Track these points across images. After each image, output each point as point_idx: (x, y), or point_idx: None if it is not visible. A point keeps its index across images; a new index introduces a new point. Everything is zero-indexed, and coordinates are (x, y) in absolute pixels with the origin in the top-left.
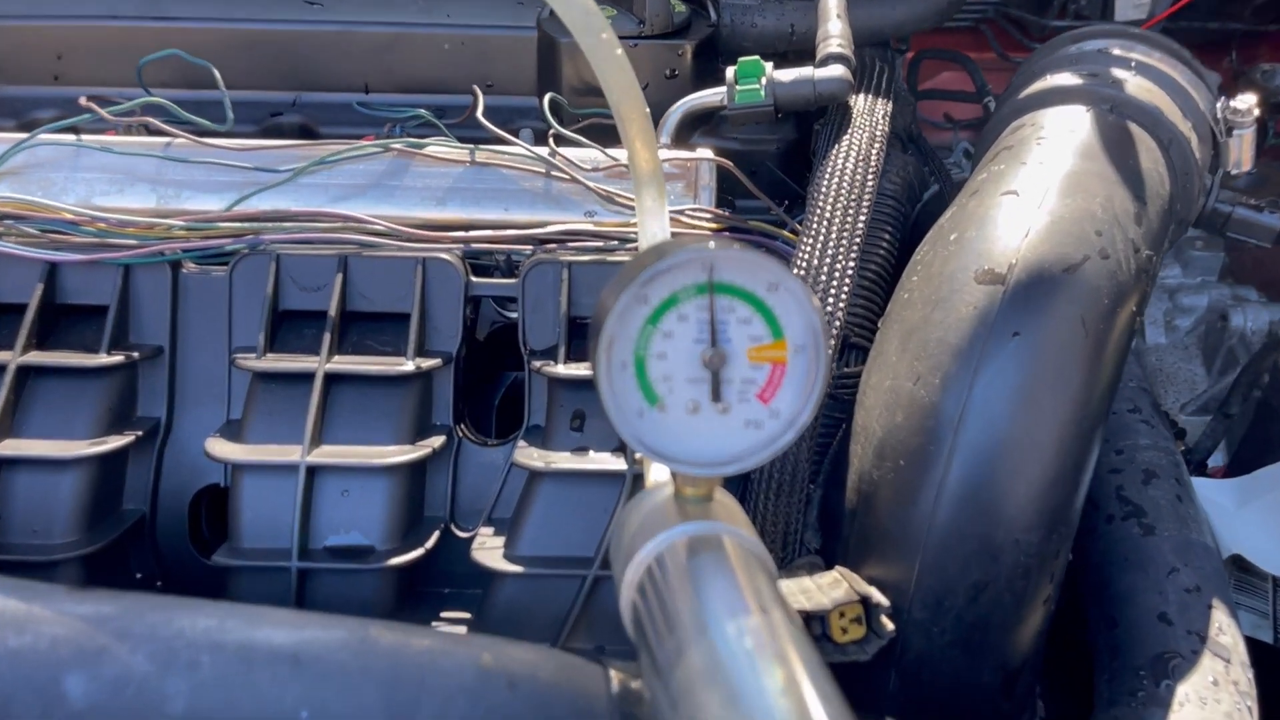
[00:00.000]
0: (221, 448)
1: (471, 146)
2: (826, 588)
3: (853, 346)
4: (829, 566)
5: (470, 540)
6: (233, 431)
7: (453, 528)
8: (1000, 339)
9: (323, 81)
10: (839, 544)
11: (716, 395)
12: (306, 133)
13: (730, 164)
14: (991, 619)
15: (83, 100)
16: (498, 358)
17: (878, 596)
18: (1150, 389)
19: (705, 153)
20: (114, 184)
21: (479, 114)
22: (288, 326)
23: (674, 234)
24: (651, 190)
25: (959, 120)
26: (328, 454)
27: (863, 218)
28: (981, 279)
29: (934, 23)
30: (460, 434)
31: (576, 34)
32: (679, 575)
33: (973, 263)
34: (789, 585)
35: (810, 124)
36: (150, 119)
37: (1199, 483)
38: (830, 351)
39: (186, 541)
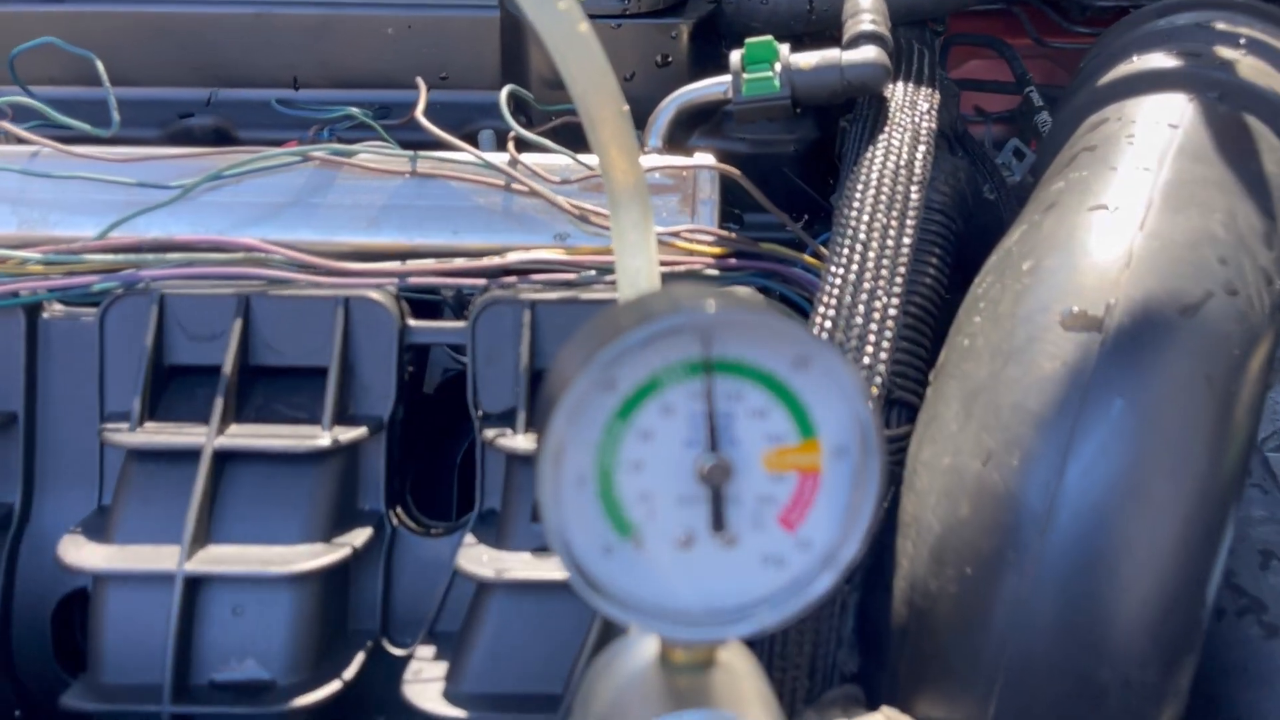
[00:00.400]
0: (79, 550)
1: (412, 154)
2: None
3: (896, 402)
4: (871, 701)
5: (405, 661)
6: (100, 525)
7: (385, 644)
8: (1100, 405)
9: (242, 75)
10: (884, 671)
11: (719, 523)
12: (222, 137)
13: (737, 172)
14: None
15: None
16: (455, 413)
17: None
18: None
19: (705, 158)
20: None
21: (419, 112)
22: (175, 387)
23: (663, 268)
24: (632, 211)
25: (990, 113)
26: (215, 559)
27: (907, 239)
28: (1070, 324)
29: (976, 0)
30: (395, 521)
31: (523, 4)
32: None
33: (1056, 301)
34: None
35: (835, 121)
36: (7, 125)
37: None
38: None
39: (51, 663)
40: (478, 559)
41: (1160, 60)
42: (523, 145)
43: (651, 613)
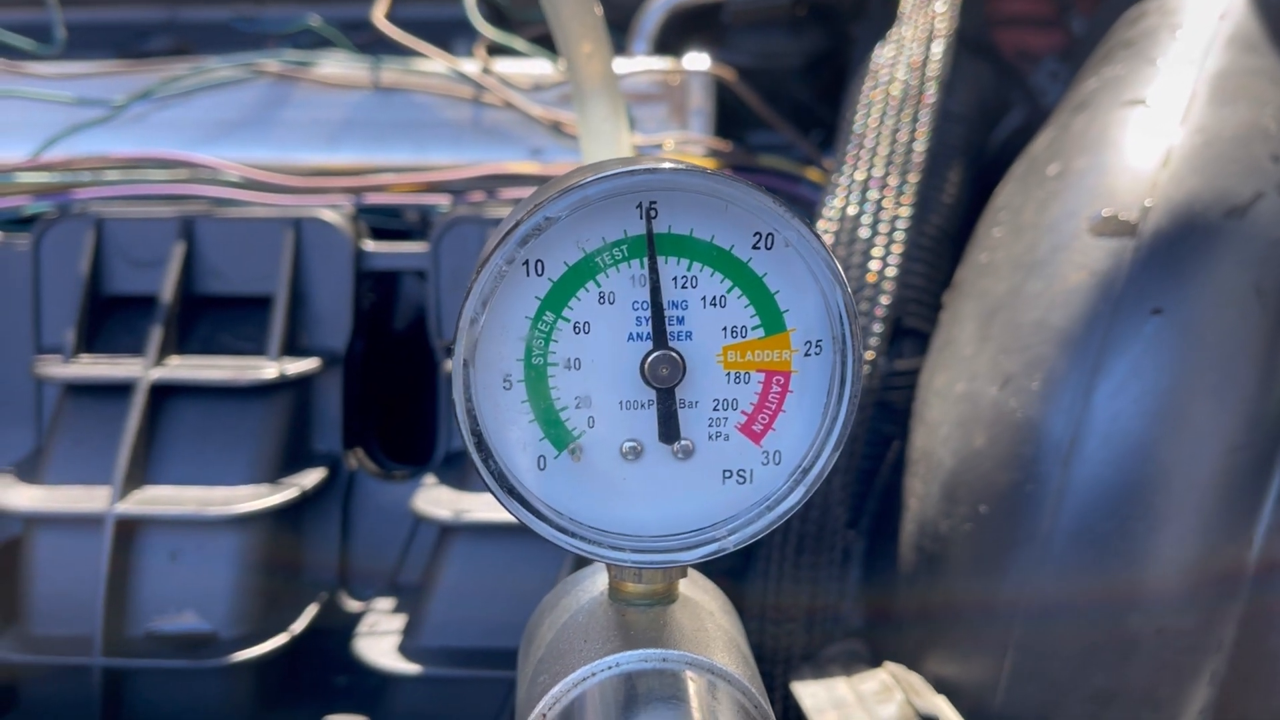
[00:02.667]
0: (8, 491)
1: (374, 59)
2: (871, 700)
3: (908, 332)
4: (876, 657)
5: (362, 616)
6: (33, 466)
7: (342, 596)
8: (1133, 319)
9: None
10: (890, 624)
11: (670, 432)
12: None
13: (733, 75)
14: None
15: None
16: (430, 347)
17: (950, 716)
18: None
19: (698, 61)
20: None
21: (379, 14)
22: (115, 317)
23: None
24: (600, 105)
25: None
26: (151, 500)
27: (920, 147)
28: (1101, 230)
29: None
30: (355, 463)
31: None
32: None
33: (1085, 205)
34: (816, 694)
35: (844, 31)
36: None
37: None
38: (869, 345)
39: None
40: (437, 500)
41: None
42: (496, 51)
43: (594, 536)
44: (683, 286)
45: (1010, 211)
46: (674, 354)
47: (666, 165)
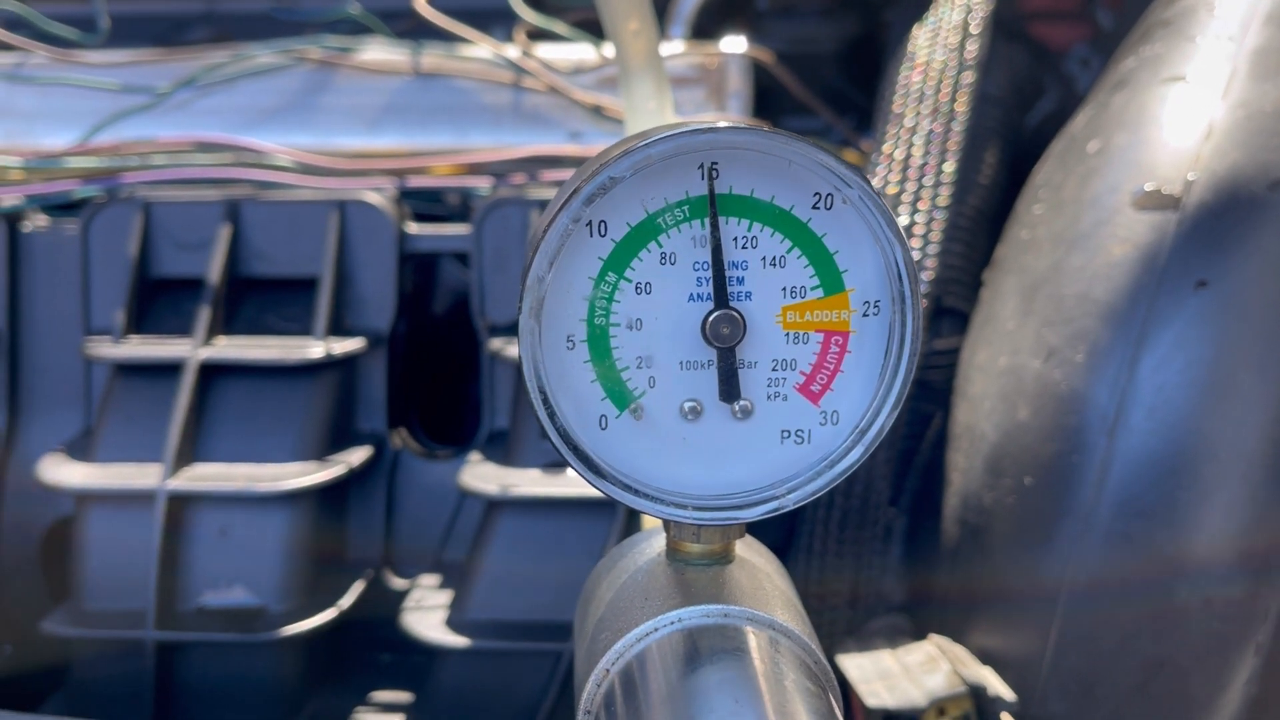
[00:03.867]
0: (61, 469)
1: (415, 44)
2: (917, 671)
3: (947, 311)
4: (919, 632)
5: (408, 594)
6: (84, 445)
7: (388, 574)
8: (1177, 292)
9: None
10: (933, 598)
11: (730, 391)
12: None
13: (770, 58)
14: (1171, 715)
15: None
16: (471, 330)
17: (996, 686)
18: None
19: (736, 45)
20: None
21: (422, 1)
22: (162, 299)
23: None
24: (645, 83)
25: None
26: (201, 477)
27: (958, 128)
28: (1143, 204)
29: None
30: (399, 442)
31: None
32: (667, 696)
33: (1127, 181)
34: (861, 665)
35: (879, 16)
36: None
37: None
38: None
39: (42, 594)
40: (483, 476)
41: None
42: (536, 37)
43: (654, 495)
44: (743, 247)
45: (1050, 189)
46: (735, 313)
47: (727, 124)
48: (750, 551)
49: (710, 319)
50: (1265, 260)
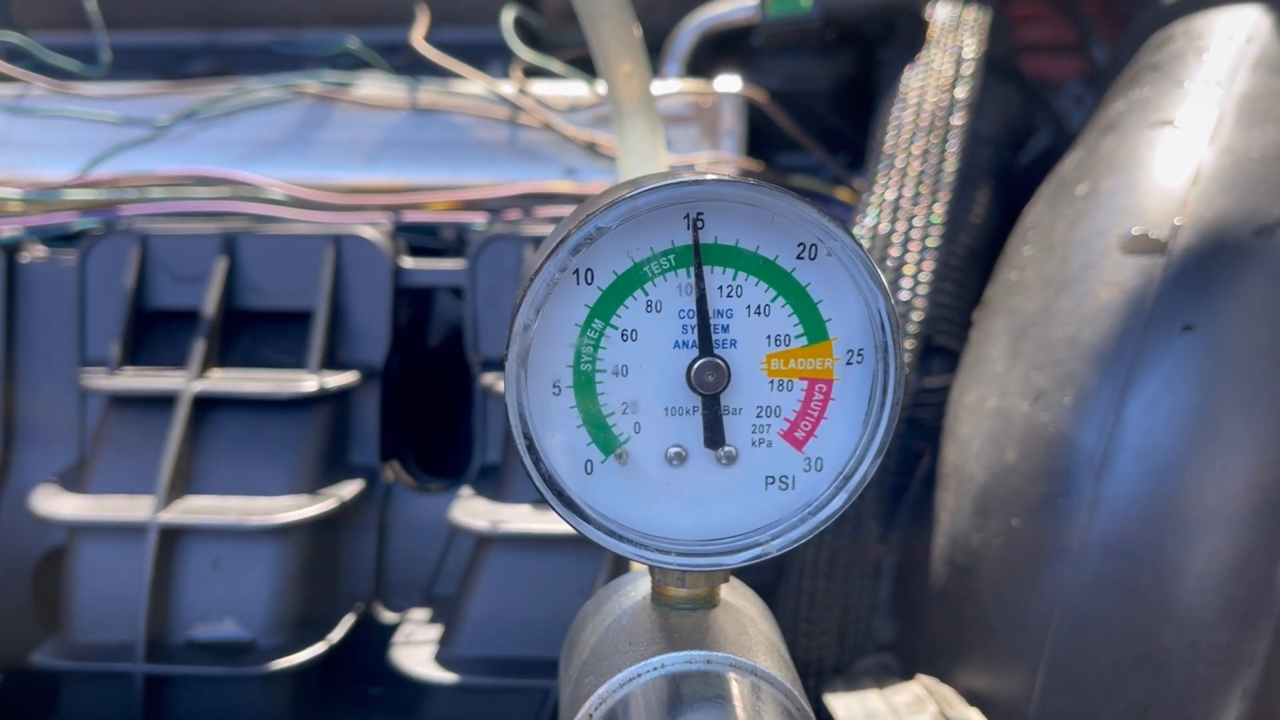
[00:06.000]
0: (54, 500)
1: (412, 80)
2: (904, 711)
3: (938, 350)
4: (907, 671)
5: (397, 628)
6: (77, 476)
7: (378, 608)
8: (1164, 336)
9: (242, 17)
10: (921, 637)
11: (715, 438)
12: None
13: (764, 97)
14: None
15: None
16: (465, 364)
17: None
18: None
19: (730, 83)
20: None
21: (419, 37)
22: (158, 331)
23: None
24: (638, 125)
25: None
26: (193, 509)
27: (950, 168)
28: (1131, 248)
29: None
30: (392, 475)
31: None
32: None
33: (1115, 225)
34: (849, 705)
35: (872, 55)
36: None
37: None
38: (906, 358)
39: (32, 624)
40: (473, 511)
41: None
42: (532, 73)
43: (638, 540)
44: (728, 295)
45: (1040, 230)
46: (719, 361)
47: (713, 177)
48: (735, 595)
49: (695, 366)
50: (1251, 305)
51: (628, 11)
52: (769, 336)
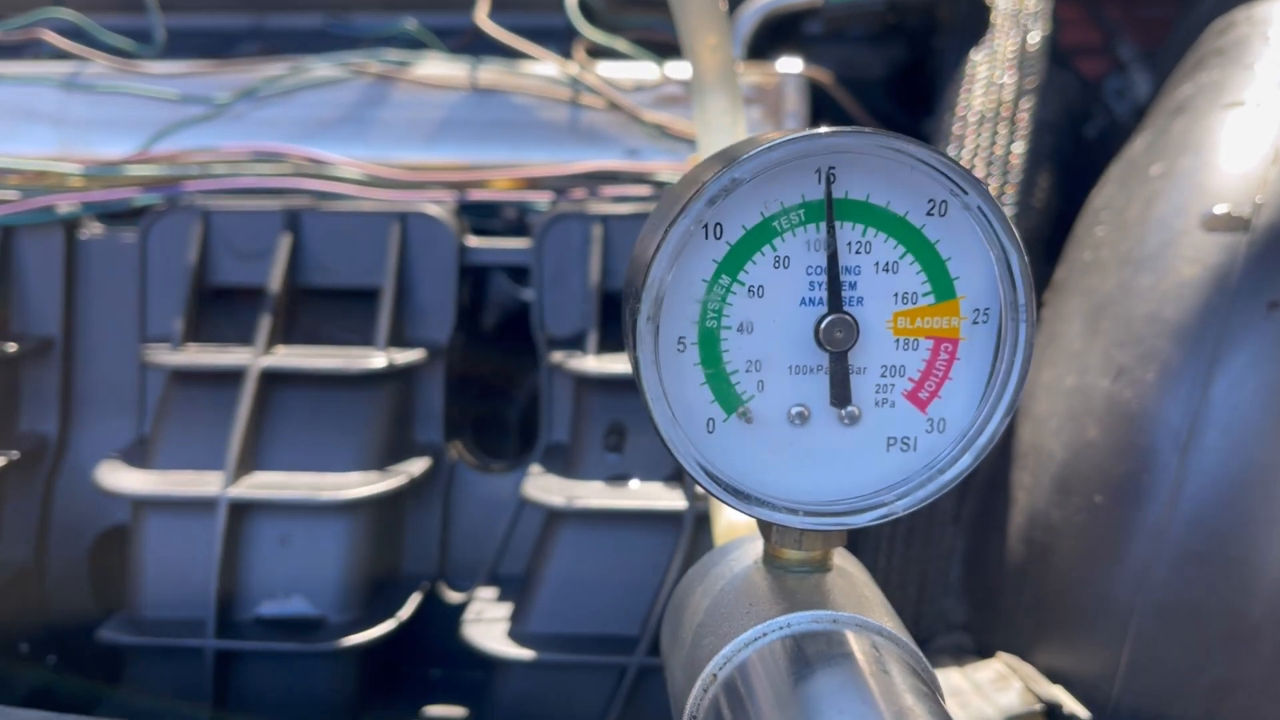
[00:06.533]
0: (119, 475)
1: (473, 59)
2: (989, 688)
3: None
4: (981, 650)
5: (464, 607)
6: (140, 452)
7: (442, 588)
8: (1249, 313)
9: (291, 0)
10: (997, 616)
11: (841, 397)
12: None
13: (828, 77)
14: None
15: None
16: (519, 347)
17: (1071, 704)
18: None
19: (792, 64)
20: (3, 122)
21: (482, 14)
22: (220, 308)
23: None
24: (720, 99)
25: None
26: (261, 485)
27: (1017, 150)
28: (1212, 225)
29: None
30: (455, 454)
31: None
32: (781, 701)
33: (1194, 202)
34: None
35: (926, 44)
36: (48, 33)
37: None
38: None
39: (88, 601)
40: (547, 487)
41: None
42: (595, 53)
43: (763, 499)
44: (857, 252)
45: (1113, 211)
46: (849, 318)
47: (850, 129)
48: (845, 560)
49: (824, 323)
50: None
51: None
52: (896, 294)
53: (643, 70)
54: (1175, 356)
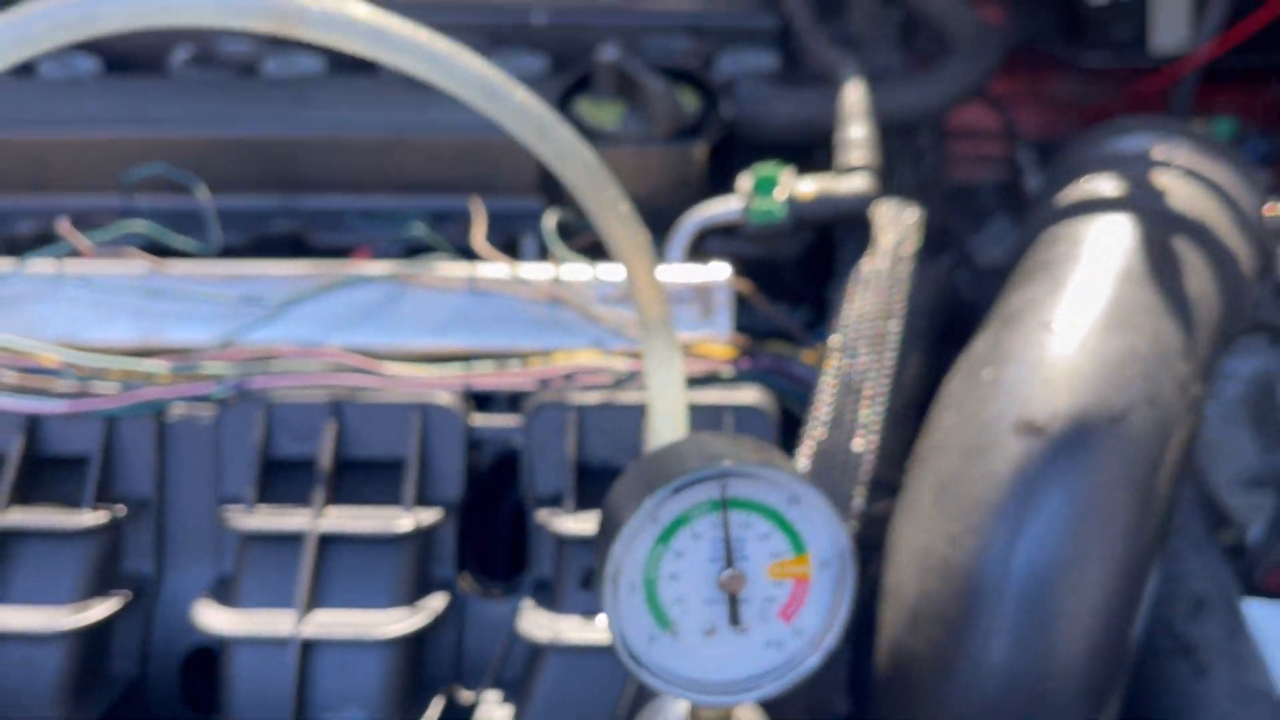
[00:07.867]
0: (212, 616)
1: (472, 267)
2: None
3: (881, 484)
4: None
5: (474, 708)
6: (223, 593)
7: (458, 691)
8: (1043, 500)
9: (315, 184)
10: (870, 714)
11: (735, 618)
12: (298, 243)
13: (749, 288)
14: None
15: (62, 227)
16: (502, 484)
17: None
18: (1200, 501)
19: (720, 270)
20: (96, 316)
21: (480, 240)
22: (279, 474)
23: (688, 375)
24: (660, 338)
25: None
26: (324, 624)
27: (890, 353)
28: (1020, 430)
29: (964, 100)
30: (464, 586)
31: (579, 195)
32: None
33: (1010, 409)
34: None
35: (830, 234)
36: (133, 251)
37: (1257, 608)
38: (855, 494)
39: (179, 705)
40: (537, 623)
41: (1107, 186)
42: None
43: (685, 685)
44: (745, 528)
45: (958, 406)
46: (739, 572)
47: (740, 470)
48: (746, 712)
49: (724, 574)
50: (1103, 478)
51: (650, 262)
52: (770, 553)
53: (604, 272)
54: (991, 531)
